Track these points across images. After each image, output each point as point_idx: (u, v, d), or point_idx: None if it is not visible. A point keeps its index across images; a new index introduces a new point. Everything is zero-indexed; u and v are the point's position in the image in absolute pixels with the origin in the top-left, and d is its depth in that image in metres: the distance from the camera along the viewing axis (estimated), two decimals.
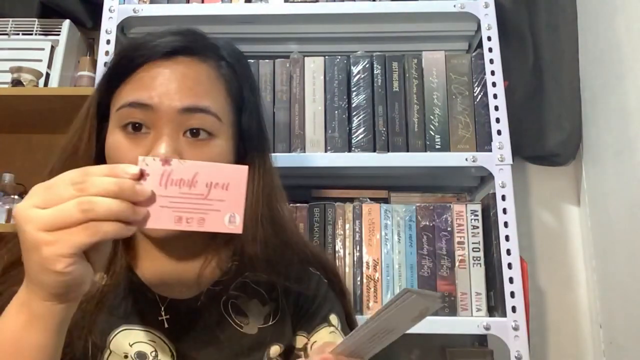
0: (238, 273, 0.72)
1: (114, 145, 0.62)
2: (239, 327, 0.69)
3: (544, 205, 1.53)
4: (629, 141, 1.25)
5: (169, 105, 0.61)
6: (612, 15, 1.33)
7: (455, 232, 1.12)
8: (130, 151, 0.61)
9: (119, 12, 1.25)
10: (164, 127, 0.61)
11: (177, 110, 0.61)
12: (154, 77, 0.63)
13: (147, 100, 0.61)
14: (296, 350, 0.73)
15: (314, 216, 1.14)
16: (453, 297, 1.09)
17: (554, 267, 1.48)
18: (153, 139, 0.61)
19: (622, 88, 1.28)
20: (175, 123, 0.61)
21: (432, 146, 1.17)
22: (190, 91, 0.63)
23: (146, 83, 0.62)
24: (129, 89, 0.63)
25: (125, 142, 0.62)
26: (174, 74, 0.63)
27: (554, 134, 1.47)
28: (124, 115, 0.62)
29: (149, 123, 0.62)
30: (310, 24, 1.31)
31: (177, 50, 0.64)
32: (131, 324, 0.65)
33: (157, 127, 0.61)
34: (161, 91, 0.62)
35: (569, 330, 1.45)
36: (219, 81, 0.66)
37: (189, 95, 0.62)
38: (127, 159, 0.60)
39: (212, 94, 0.65)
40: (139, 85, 0.63)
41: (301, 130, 1.19)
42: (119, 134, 0.62)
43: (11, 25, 1.49)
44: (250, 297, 0.71)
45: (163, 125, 0.61)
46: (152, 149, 0.60)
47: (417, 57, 1.22)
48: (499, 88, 1.17)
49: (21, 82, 1.37)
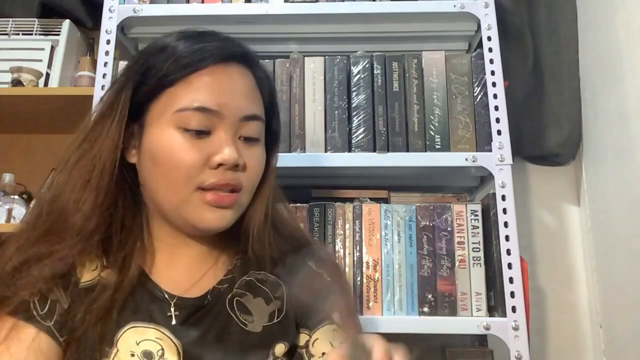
0: (243, 271, 0.73)
1: (172, 146, 0.64)
2: (243, 325, 0.69)
3: (544, 205, 1.53)
4: (629, 141, 1.25)
5: (233, 113, 0.66)
6: (612, 15, 1.33)
7: (455, 232, 1.12)
8: (191, 152, 0.64)
9: (119, 12, 1.25)
10: (225, 131, 0.66)
11: (240, 117, 0.67)
12: (216, 83, 0.66)
13: (213, 106, 0.65)
14: (298, 348, 0.73)
15: (314, 216, 1.14)
16: (453, 297, 1.09)
17: (554, 267, 1.48)
18: (213, 140, 0.65)
19: (622, 88, 1.28)
20: (235, 128, 0.66)
21: (432, 146, 1.17)
22: (247, 98, 0.68)
23: (209, 89, 0.66)
24: (189, 92, 0.65)
25: (185, 143, 0.64)
26: (233, 82, 0.68)
27: (554, 134, 1.47)
28: (185, 118, 0.64)
29: (209, 126, 0.65)
30: (310, 24, 1.31)
31: (231, 57, 0.69)
32: (139, 322, 0.65)
33: (218, 131, 0.65)
34: (225, 99, 0.66)
35: (569, 330, 1.45)
36: (258, 89, 0.71)
37: (247, 102, 0.68)
38: (189, 159, 0.64)
39: (258, 99, 0.71)
40: (200, 89, 0.65)
41: (301, 130, 1.19)
42: (177, 134, 0.65)
43: (11, 25, 1.50)
44: (255, 296, 0.72)
45: (225, 129, 0.66)
46: (214, 151, 0.64)
47: (417, 57, 1.22)
48: (499, 88, 1.17)
49: (21, 82, 1.38)
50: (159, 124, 0.66)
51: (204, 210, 0.64)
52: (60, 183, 0.67)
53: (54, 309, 0.61)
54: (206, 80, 0.66)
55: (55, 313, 0.61)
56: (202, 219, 0.65)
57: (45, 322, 0.61)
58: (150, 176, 0.67)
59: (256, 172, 0.69)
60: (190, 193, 0.64)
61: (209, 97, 0.65)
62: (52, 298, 0.62)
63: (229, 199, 0.65)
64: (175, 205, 0.66)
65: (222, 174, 0.64)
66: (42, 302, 0.61)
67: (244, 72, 0.70)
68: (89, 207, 0.64)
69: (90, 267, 0.66)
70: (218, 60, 0.67)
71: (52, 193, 0.67)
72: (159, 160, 0.65)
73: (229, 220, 0.66)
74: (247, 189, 0.68)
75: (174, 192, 0.65)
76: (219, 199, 0.64)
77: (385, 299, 1.09)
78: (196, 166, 0.64)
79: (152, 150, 0.66)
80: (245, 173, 0.67)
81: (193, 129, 0.64)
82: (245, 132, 0.67)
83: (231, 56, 0.68)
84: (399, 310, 1.09)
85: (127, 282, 0.65)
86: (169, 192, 0.65)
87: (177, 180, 0.64)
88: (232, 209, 0.66)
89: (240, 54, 0.70)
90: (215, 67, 0.67)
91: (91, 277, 0.65)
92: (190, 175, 0.64)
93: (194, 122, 0.64)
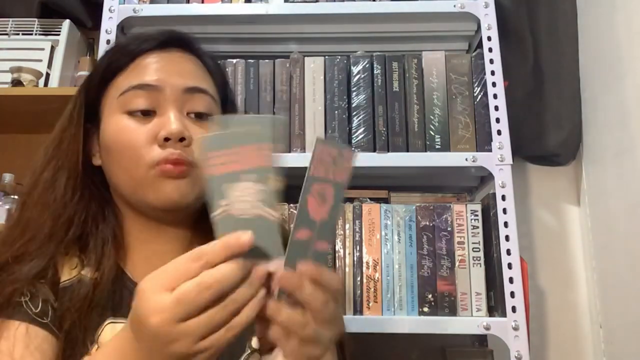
0: None
1: (118, 129, 0.66)
2: None
3: (544, 205, 1.53)
4: (629, 141, 1.25)
5: (174, 85, 0.66)
6: (612, 15, 1.33)
7: (455, 232, 1.12)
8: (137, 132, 0.65)
9: (119, 12, 1.25)
10: (169, 107, 0.66)
11: (181, 89, 0.66)
12: (154, 62, 0.67)
13: (151, 81, 0.66)
14: None
15: None
16: (453, 297, 1.09)
17: (554, 267, 1.48)
18: (159, 118, 0.65)
19: (622, 88, 1.28)
20: (179, 102, 0.66)
21: (432, 146, 1.17)
22: (189, 74, 0.68)
23: (147, 67, 0.67)
24: (128, 76, 0.67)
25: (131, 124, 0.65)
26: (172, 62, 0.68)
27: (554, 134, 1.47)
28: (128, 99, 0.66)
29: (153, 105, 0.66)
30: (310, 24, 1.31)
31: (170, 42, 0.70)
32: (118, 318, 0.65)
33: (162, 107, 0.66)
34: (163, 74, 0.66)
35: (569, 330, 1.45)
36: (207, 73, 0.72)
37: (189, 77, 0.68)
38: (136, 139, 0.64)
39: (206, 80, 0.71)
40: (139, 70, 0.67)
41: (301, 130, 1.19)
42: (123, 117, 0.66)
43: (11, 25, 1.49)
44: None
45: (168, 105, 0.66)
46: (160, 128, 0.64)
47: (417, 57, 1.22)
48: (499, 88, 1.17)
49: (21, 82, 1.37)
50: (108, 115, 0.67)
51: (159, 185, 0.64)
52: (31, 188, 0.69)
53: (47, 308, 0.62)
54: (144, 62, 0.67)
55: (49, 311, 0.62)
56: (158, 194, 0.64)
57: (42, 320, 0.61)
58: (108, 166, 0.68)
59: None
60: (145, 172, 0.64)
61: (148, 74, 0.66)
62: (42, 297, 0.62)
63: (180, 168, 0.64)
64: (133, 188, 0.66)
65: (171, 147, 0.64)
66: (34, 301, 0.62)
67: (188, 56, 0.71)
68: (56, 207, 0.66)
69: (70, 266, 0.67)
70: (155, 46, 0.68)
71: (23, 197, 0.69)
72: (111, 147, 0.66)
73: (184, 190, 0.65)
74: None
75: (129, 174, 0.65)
76: (169, 169, 0.64)
77: (385, 299, 1.09)
78: (144, 145, 0.64)
79: (105, 140, 0.67)
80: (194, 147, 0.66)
81: (137, 109, 0.65)
82: (192, 107, 0.67)
83: (169, 41, 0.70)
84: (399, 310, 1.09)
85: (104, 279, 0.65)
86: (125, 176, 0.66)
87: (129, 162, 0.65)
88: (187, 179, 0.65)
89: (181, 40, 0.71)
90: (153, 52, 0.68)
91: (70, 276, 0.66)
92: (140, 154, 0.64)
93: (136, 102, 0.65)
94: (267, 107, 1.20)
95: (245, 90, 1.22)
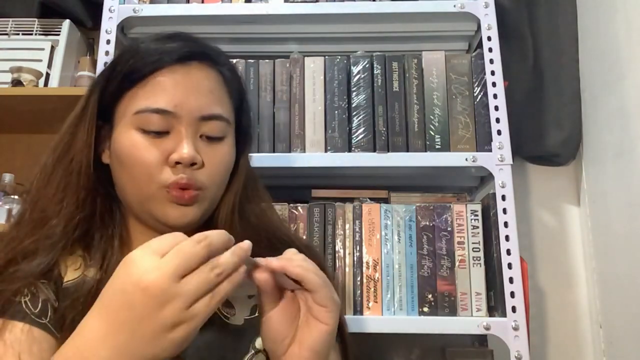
0: None
1: (132, 145, 0.66)
2: (225, 318, 0.70)
3: (544, 205, 1.53)
4: (629, 141, 1.25)
5: (189, 113, 0.66)
6: (612, 15, 1.33)
7: (455, 232, 1.12)
8: (150, 151, 0.65)
9: (119, 12, 1.25)
10: (183, 130, 0.66)
11: (196, 118, 0.67)
12: (173, 84, 0.67)
13: (169, 108, 0.66)
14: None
15: (314, 216, 1.14)
16: (453, 297, 1.09)
17: (554, 267, 1.48)
18: (172, 139, 0.66)
19: (622, 88, 1.28)
20: (194, 128, 0.67)
21: (432, 146, 1.17)
22: (206, 99, 0.68)
23: (166, 90, 0.66)
24: (147, 94, 0.67)
25: (145, 143, 0.66)
26: (191, 82, 0.68)
27: (554, 134, 1.47)
28: (144, 120, 0.66)
29: (167, 127, 0.66)
30: (310, 24, 1.31)
31: (191, 56, 0.69)
32: None
33: (176, 130, 0.66)
34: (181, 99, 0.66)
35: (569, 330, 1.45)
36: (224, 86, 0.72)
37: (206, 103, 0.68)
38: (149, 158, 0.65)
39: (222, 99, 0.71)
40: (157, 91, 0.66)
41: (301, 130, 1.19)
42: (137, 134, 0.66)
43: (11, 25, 1.49)
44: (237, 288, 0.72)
45: (182, 128, 0.66)
46: (173, 149, 0.65)
47: (417, 57, 1.21)
48: (499, 88, 1.17)
49: (21, 82, 1.37)
50: (122, 125, 0.68)
51: (167, 207, 0.66)
52: (41, 186, 0.69)
53: (46, 308, 0.62)
54: (163, 80, 0.67)
55: (48, 311, 0.62)
56: (166, 216, 0.66)
57: (41, 320, 0.61)
58: (118, 175, 0.69)
59: (218, 169, 0.69)
60: (155, 191, 0.66)
61: (165, 98, 0.66)
62: (42, 297, 0.62)
63: (189, 195, 0.66)
64: (141, 201, 0.67)
65: (182, 172, 0.65)
66: (34, 301, 0.62)
67: (206, 70, 0.70)
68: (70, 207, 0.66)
69: (74, 266, 0.67)
70: (175, 60, 0.68)
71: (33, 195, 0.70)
72: (123, 160, 0.67)
73: (192, 217, 0.67)
74: (211, 186, 0.69)
75: (139, 189, 0.67)
76: (179, 195, 0.65)
77: (385, 299, 1.09)
78: (156, 164, 0.65)
79: (117, 151, 0.67)
80: (205, 170, 0.67)
81: (151, 130, 0.66)
82: (206, 131, 0.68)
83: (190, 55, 0.69)
84: (399, 310, 1.09)
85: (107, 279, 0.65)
86: (135, 189, 0.67)
87: (140, 178, 0.66)
88: (195, 205, 0.67)
89: (200, 53, 0.70)
90: (173, 67, 0.68)
91: (74, 276, 0.66)
92: (151, 173, 0.65)
93: (151, 124, 0.66)
94: (267, 107, 1.20)
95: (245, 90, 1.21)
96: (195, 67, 0.69)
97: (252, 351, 0.69)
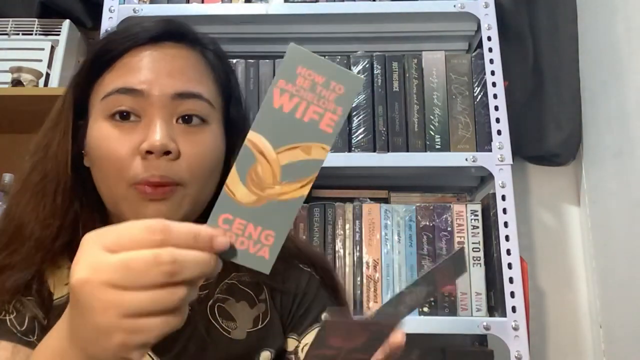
0: (224, 275, 0.67)
1: (101, 136, 0.58)
2: (226, 333, 0.64)
3: (544, 205, 1.53)
4: (628, 141, 1.25)
5: (161, 91, 0.58)
6: (612, 15, 1.33)
7: (455, 232, 1.12)
8: (120, 141, 0.57)
9: (119, 12, 1.25)
10: (155, 114, 0.57)
11: (169, 95, 0.58)
12: (142, 61, 0.59)
13: (136, 85, 0.57)
14: (287, 354, 0.68)
15: (314, 216, 1.14)
16: (453, 297, 1.09)
17: (554, 267, 1.48)
18: (144, 126, 0.57)
19: (622, 88, 1.28)
20: (168, 109, 0.58)
21: (432, 146, 1.17)
22: (182, 76, 0.59)
23: (134, 67, 0.59)
24: (114, 76, 0.59)
25: (114, 132, 0.58)
26: (164, 58, 0.60)
27: (554, 134, 1.47)
28: (111, 104, 0.58)
29: (138, 110, 0.58)
30: (310, 24, 1.31)
31: (164, 35, 0.61)
32: None
33: (148, 114, 0.58)
34: (151, 76, 0.58)
35: (569, 330, 1.45)
36: (207, 68, 0.63)
37: (180, 79, 0.59)
38: (118, 150, 0.57)
39: (202, 79, 0.62)
40: (125, 70, 0.59)
41: None
42: (106, 124, 0.58)
43: (11, 25, 1.49)
44: (238, 300, 0.67)
45: (155, 111, 0.57)
46: (144, 137, 0.57)
47: (417, 57, 1.22)
48: (499, 88, 1.17)
49: (21, 82, 1.37)
50: (93, 117, 0.60)
51: (138, 206, 0.57)
52: (15, 193, 0.63)
53: (33, 326, 0.57)
54: (131, 60, 0.59)
55: (35, 329, 0.57)
56: (137, 216, 0.57)
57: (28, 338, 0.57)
58: (94, 176, 0.61)
59: (200, 160, 0.59)
60: (124, 190, 0.57)
61: (130, 76, 0.58)
62: (29, 315, 0.58)
63: (163, 190, 0.56)
64: (114, 202, 0.60)
65: (155, 165, 0.56)
66: (19, 319, 0.57)
67: (184, 50, 0.62)
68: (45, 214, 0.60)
69: (64, 280, 0.62)
70: (147, 40, 0.60)
71: (8, 204, 0.64)
72: (92, 154, 0.59)
73: (167, 214, 0.57)
74: (193, 182, 0.59)
75: (110, 188, 0.59)
76: (151, 191, 0.56)
77: (385, 299, 1.09)
78: (125, 157, 0.57)
79: (88, 145, 0.60)
80: (183, 161, 0.58)
81: (120, 115, 0.58)
82: (182, 111, 0.58)
83: (161, 35, 0.60)
84: None
85: None
86: (107, 188, 0.59)
87: (110, 174, 0.58)
88: (170, 200, 0.57)
89: (176, 33, 0.62)
90: (144, 47, 0.60)
91: (64, 292, 0.62)
92: (121, 167, 0.57)
93: (118, 107, 0.57)
94: None
95: (245, 90, 1.21)
96: (170, 46, 0.61)
97: None
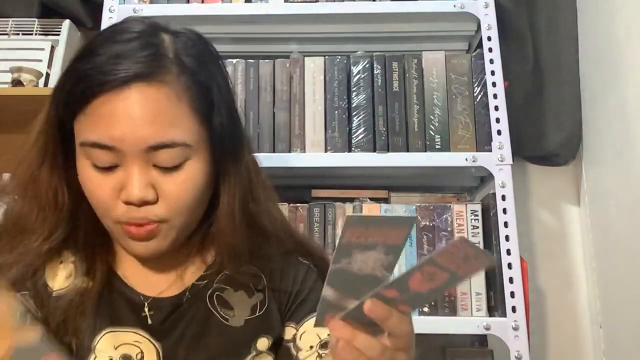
0: (222, 266, 0.70)
1: (84, 176, 0.61)
2: (224, 320, 0.68)
3: (544, 205, 1.53)
4: (629, 141, 1.25)
5: (134, 145, 0.58)
6: (612, 15, 1.33)
7: (455, 232, 1.12)
8: (101, 186, 0.60)
9: (119, 12, 1.25)
10: (131, 163, 0.59)
11: (142, 150, 0.58)
12: (113, 113, 0.57)
13: (109, 142, 0.58)
14: (285, 342, 0.72)
15: (314, 216, 1.14)
16: (453, 297, 1.09)
17: (554, 267, 1.48)
18: (122, 173, 0.59)
19: (622, 88, 1.28)
20: (143, 159, 0.59)
21: (432, 146, 1.17)
22: (153, 127, 0.58)
23: (104, 121, 0.58)
24: (89, 123, 0.59)
25: (97, 176, 0.60)
26: (133, 109, 0.57)
27: (554, 134, 1.47)
28: (88, 154, 0.59)
29: (116, 161, 0.59)
30: (310, 24, 1.31)
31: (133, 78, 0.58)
32: (115, 326, 0.65)
33: (125, 163, 0.59)
34: (122, 132, 0.57)
35: (569, 330, 1.45)
36: (181, 100, 0.60)
37: (153, 128, 0.58)
38: (100, 194, 0.60)
39: (175, 120, 0.59)
40: (97, 118, 0.58)
41: (301, 130, 1.19)
42: (88, 166, 0.60)
43: (11, 25, 1.49)
44: (236, 289, 0.70)
45: (131, 161, 0.58)
46: (125, 182, 0.59)
47: (417, 57, 1.22)
48: (499, 88, 1.17)
49: (21, 82, 1.37)
50: (77, 151, 0.62)
51: (127, 241, 0.62)
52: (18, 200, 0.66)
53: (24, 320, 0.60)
54: (102, 109, 0.58)
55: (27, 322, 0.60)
56: (127, 248, 0.63)
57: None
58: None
59: (179, 200, 0.61)
60: (112, 224, 0.61)
61: (104, 131, 0.57)
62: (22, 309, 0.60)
63: (146, 231, 0.60)
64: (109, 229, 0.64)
65: (135, 210, 0.59)
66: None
67: (152, 90, 0.58)
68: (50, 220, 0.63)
69: (64, 274, 0.65)
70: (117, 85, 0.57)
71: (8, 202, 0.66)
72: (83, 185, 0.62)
73: (155, 249, 0.62)
74: (175, 217, 0.61)
75: (102, 219, 0.63)
76: (136, 233, 0.60)
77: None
78: (108, 202, 0.60)
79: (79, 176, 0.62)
80: (163, 202, 0.60)
81: (97, 164, 0.59)
82: (158, 162, 0.59)
83: (132, 77, 0.58)
84: None
85: (96, 286, 0.64)
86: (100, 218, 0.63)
87: (98, 211, 0.62)
88: (156, 239, 0.61)
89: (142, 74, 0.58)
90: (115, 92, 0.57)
91: (65, 285, 0.65)
92: (106, 209, 0.60)
93: (96, 159, 0.59)
94: (267, 107, 1.21)
95: (245, 90, 1.22)
96: (138, 90, 0.58)
97: (254, 352, 0.68)
